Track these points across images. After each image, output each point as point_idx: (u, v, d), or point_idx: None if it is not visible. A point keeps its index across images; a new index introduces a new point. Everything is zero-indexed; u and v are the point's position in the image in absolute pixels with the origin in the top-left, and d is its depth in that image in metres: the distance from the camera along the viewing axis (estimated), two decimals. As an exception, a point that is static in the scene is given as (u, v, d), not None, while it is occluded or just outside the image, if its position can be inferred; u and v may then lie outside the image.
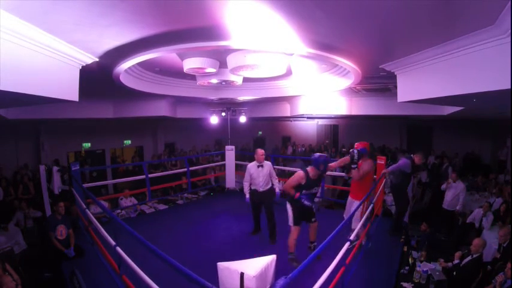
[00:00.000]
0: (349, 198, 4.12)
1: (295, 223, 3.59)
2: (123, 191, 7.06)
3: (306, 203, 3.45)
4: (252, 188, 4.44)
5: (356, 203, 3.79)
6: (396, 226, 4.66)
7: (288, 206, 3.64)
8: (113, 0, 2.11)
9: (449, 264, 3.69)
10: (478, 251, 3.46)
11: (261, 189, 4.38)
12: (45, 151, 8.98)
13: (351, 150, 3.95)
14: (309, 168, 3.52)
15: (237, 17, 2.50)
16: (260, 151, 4.41)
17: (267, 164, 4.46)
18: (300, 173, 3.51)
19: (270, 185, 4.49)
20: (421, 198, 7.36)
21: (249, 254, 3.18)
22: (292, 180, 3.50)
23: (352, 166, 3.85)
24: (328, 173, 6.10)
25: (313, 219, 3.71)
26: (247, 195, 4.46)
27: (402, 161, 4.51)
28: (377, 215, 4.72)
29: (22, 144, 8.69)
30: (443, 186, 5.90)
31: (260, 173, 4.37)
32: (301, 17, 2.47)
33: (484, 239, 3.72)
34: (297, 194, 3.43)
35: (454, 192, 5.68)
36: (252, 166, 4.43)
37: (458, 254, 3.66)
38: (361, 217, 3.61)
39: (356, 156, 3.81)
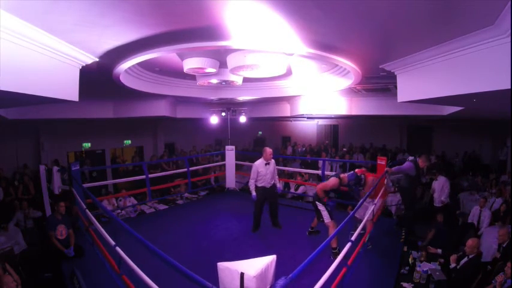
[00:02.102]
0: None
1: (332, 217, 3.83)
2: (121, 191, 7.06)
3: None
4: (260, 185, 4.65)
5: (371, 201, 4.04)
6: (401, 222, 4.84)
7: (321, 205, 3.86)
8: (113, 0, 2.11)
9: (452, 264, 3.67)
10: (473, 251, 3.44)
11: (268, 186, 4.66)
12: (45, 151, 8.97)
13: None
14: (342, 175, 3.94)
15: (237, 17, 2.51)
16: (269, 150, 4.70)
17: (272, 162, 4.75)
18: (336, 180, 3.88)
19: (273, 181, 4.78)
20: (421, 198, 7.36)
21: (249, 254, 3.18)
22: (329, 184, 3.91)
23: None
24: (327, 172, 6.14)
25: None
26: (254, 193, 4.64)
27: (406, 164, 4.57)
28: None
29: (22, 144, 8.68)
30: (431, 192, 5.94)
31: (268, 170, 4.64)
32: (301, 16, 2.47)
33: (478, 239, 3.70)
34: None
35: (438, 188, 5.71)
36: (260, 164, 4.62)
37: (453, 257, 3.63)
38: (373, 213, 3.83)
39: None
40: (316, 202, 3.90)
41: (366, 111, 7.76)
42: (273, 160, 4.75)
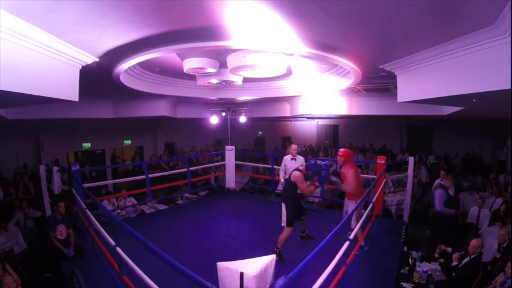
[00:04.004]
0: (346, 198, 4.13)
1: (289, 224, 3.71)
2: (122, 191, 7.06)
3: (325, 176, 3.61)
4: (287, 177, 4.87)
5: (351, 203, 3.85)
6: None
7: (283, 206, 3.73)
8: (113, 0, 2.11)
9: (454, 263, 3.68)
10: (476, 251, 3.44)
11: (293, 179, 4.72)
12: (45, 151, 8.98)
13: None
14: (301, 167, 3.75)
15: (237, 17, 2.50)
16: (294, 146, 5.07)
17: (300, 158, 5.07)
18: (297, 174, 3.65)
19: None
20: (421, 198, 7.36)
21: (249, 254, 3.17)
22: (300, 183, 3.62)
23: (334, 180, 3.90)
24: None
25: (303, 218, 4.05)
26: (282, 180, 5.12)
27: (437, 194, 4.38)
28: (377, 215, 4.72)
29: (22, 144, 8.68)
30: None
31: (293, 165, 4.90)
32: (301, 17, 2.47)
33: (482, 240, 3.70)
34: (316, 183, 3.64)
35: None
36: (287, 158, 5.14)
37: (456, 256, 3.64)
38: (357, 218, 3.67)
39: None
40: (282, 203, 3.76)
41: (366, 111, 7.76)
42: (300, 156, 5.07)
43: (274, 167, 6.41)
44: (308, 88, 6.57)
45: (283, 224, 3.73)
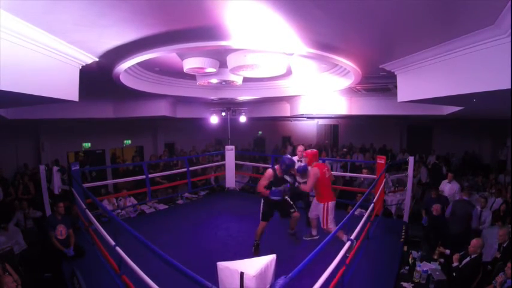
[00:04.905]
0: (314, 200, 4.20)
1: (263, 218, 3.90)
2: (122, 191, 7.06)
3: (274, 198, 3.74)
4: None
5: (319, 205, 3.97)
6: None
7: (262, 201, 3.95)
8: (113, 0, 2.11)
9: (455, 263, 3.67)
10: (477, 251, 3.44)
11: (301, 181, 4.73)
12: (45, 151, 8.98)
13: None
14: (276, 167, 3.89)
15: (237, 17, 2.51)
16: (300, 147, 4.93)
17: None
18: (269, 170, 3.87)
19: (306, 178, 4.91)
20: (421, 198, 7.36)
21: (249, 254, 3.18)
22: (263, 179, 3.83)
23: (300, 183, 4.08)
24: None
25: (292, 210, 3.95)
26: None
27: (475, 214, 4.58)
28: (377, 215, 4.72)
29: (22, 144, 8.68)
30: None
31: None
32: (301, 16, 2.47)
33: (483, 240, 3.70)
34: (267, 192, 3.76)
35: (450, 192, 5.67)
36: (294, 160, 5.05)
37: (456, 256, 3.64)
38: (324, 218, 3.85)
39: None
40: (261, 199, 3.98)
41: (366, 111, 7.76)
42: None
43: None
44: (308, 88, 6.57)
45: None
